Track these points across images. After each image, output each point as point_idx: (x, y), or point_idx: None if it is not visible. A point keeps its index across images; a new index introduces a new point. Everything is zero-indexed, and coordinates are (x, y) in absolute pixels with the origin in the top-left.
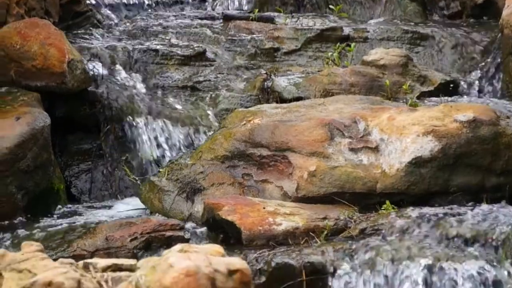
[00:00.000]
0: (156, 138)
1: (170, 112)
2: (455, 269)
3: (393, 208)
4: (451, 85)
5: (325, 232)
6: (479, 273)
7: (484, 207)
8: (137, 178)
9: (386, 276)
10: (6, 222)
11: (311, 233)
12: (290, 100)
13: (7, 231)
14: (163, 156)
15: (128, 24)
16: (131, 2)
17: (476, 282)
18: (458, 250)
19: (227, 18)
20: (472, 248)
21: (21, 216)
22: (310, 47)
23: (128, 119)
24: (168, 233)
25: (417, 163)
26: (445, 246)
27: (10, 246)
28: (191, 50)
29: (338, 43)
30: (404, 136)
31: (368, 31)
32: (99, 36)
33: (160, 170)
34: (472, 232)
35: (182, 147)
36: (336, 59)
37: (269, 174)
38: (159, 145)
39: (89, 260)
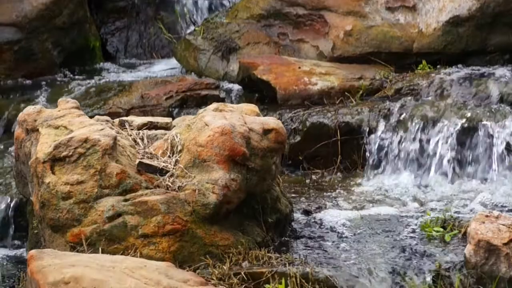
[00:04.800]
0: None
1: None
2: (492, 128)
3: (429, 68)
4: None
5: (361, 92)
6: None
7: None
8: (172, 37)
9: (421, 136)
10: (43, 78)
11: (346, 93)
12: None
13: (44, 88)
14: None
15: None
16: None
17: None
18: (495, 109)
19: None
20: (509, 107)
21: (57, 73)
22: None
23: None
24: (203, 92)
25: (454, 22)
26: (482, 106)
27: (46, 103)
28: None
29: None
30: None
31: None
32: None
33: (196, 28)
34: (509, 91)
35: (219, 6)
36: None
37: (305, 34)
38: (195, 2)
39: (124, 118)
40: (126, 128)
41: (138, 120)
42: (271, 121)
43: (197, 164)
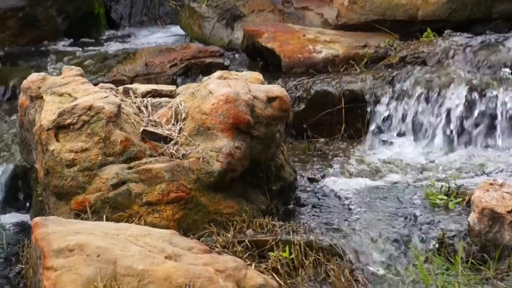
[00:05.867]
0: None
1: None
2: (497, 96)
3: (434, 35)
4: None
5: (365, 60)
6: None
7: None
8: (176, 4)
9: (425, 104)
10: (47, 45)
11: (351, 61)
12: None
13: (48, 55)
14: None
15: None
16: None
17: None
18: (500, 77)
19: None
20: None
21: (61, 40)
22: None
23: None
24: (208, 60)
25: None
26: (487, 73)
27: (51, 70)
28: None
29: None
30: None
31: None
32: None
33: None
34: None
35: None
36: None
37: (309, 1)
38: None
39: (129, 86)
40: (130, 96)
41: (142, 87)
42: (275, 89)
43: (201, 132)
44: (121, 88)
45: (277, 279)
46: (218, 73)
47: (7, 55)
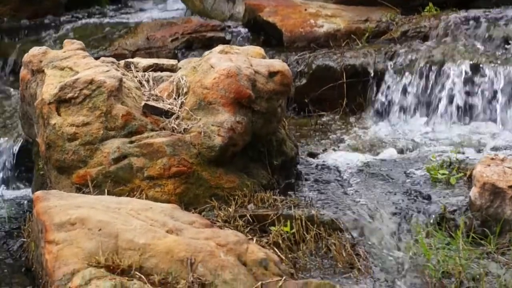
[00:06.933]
0: None
1: None
2: (499, 71)
3: (436, 10)
4: None
5: (367, 35)
6: None
7: None
8: None
9: (427, 78)
10: (49, 19)
11: (352, 36)
12: None
13: (49, 29)
14: None
15: None
16: None
17: None
18: (502, 52)
19: None
20: None
21: (63, 14)
22: None
23: None
24: (209, 34)
25: None
26: (489, 48)
27: (52, 43)
28: None
29: None
30: None
31: None
32: None
33: None
34: None
35: None
36: None
37: None
38: None
39: (130, 60)
40: (132, 70)
41: (144, 62)
42: (277, 63)
43: (203, 107)
44: (122, 62)
45: (278, 253)
46: (219, 47)
47: (8, 29)
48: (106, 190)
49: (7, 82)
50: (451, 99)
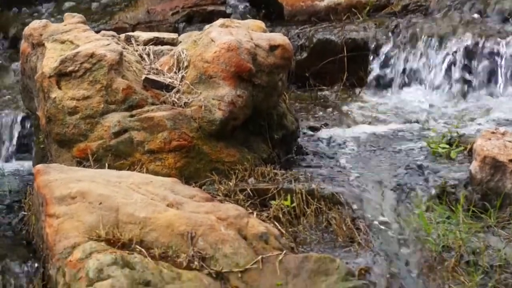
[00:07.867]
0: None
1: None
2: (500, 45)
3: None
4: None
5: (368, 8)
6: None
7: None
8: None
9: (428, 52)
10: None
11: (353, 9)
12: None
13: (50, 1)
14: None
15: None
16: None
17: None
18: (504, 26)
19: None
20: None
21: None
22: None
23: None
24: (210, 8)
25: None
26: (490, 22)
27: (52, 17)
28: None
29: None
30: None
31: None
32: None
33: None
34: None
35: None
36: None
37: None
38: None
39: (131, 33)
40: (132, 44)
41: (144, 35)
42: (278, 37)
43: (203, 80)
44: (123, 35)
45: (279, 227)
46: (220, 21)
47: (7, 2)
48: (106, 164)
49: (8, 56)
50: (452, 73)
